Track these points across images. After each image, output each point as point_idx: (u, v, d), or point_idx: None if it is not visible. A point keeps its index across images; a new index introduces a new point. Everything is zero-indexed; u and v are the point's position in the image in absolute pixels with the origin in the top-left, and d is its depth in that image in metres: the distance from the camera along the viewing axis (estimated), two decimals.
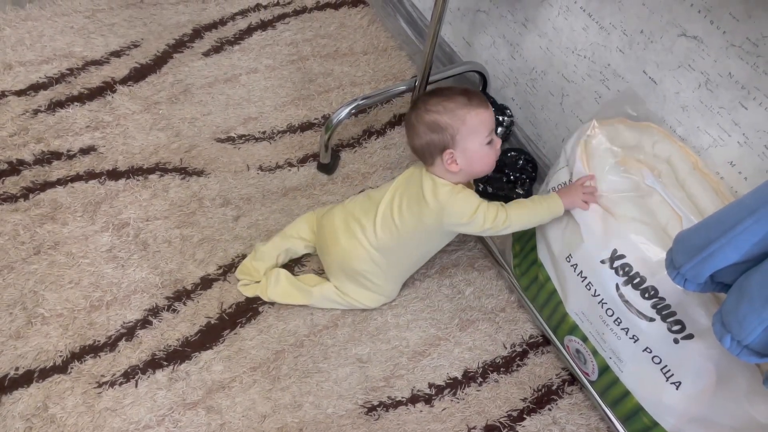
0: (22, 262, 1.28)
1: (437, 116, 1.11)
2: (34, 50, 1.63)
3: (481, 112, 1.12)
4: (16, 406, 1.13)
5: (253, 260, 1.31)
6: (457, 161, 1.12)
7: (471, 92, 1.14)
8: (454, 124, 1.11)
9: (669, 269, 0.80)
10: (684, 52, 1.09)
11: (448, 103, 1.11)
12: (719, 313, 0.75)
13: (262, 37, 1.78)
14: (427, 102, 1.13)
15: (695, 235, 0.77)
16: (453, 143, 1.11)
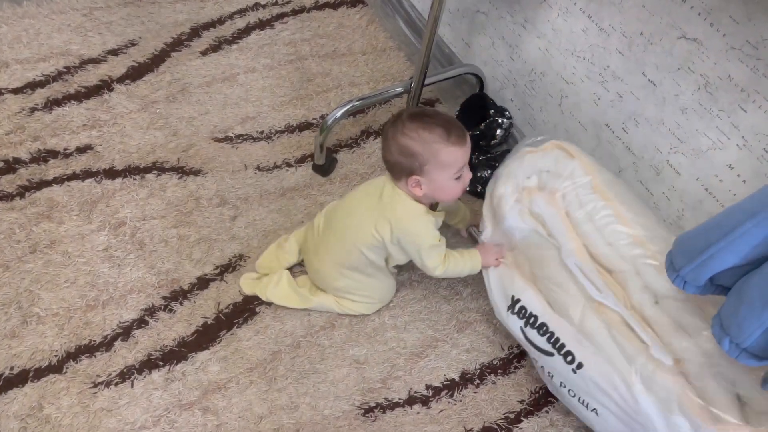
0: (18, 261, 1.28)
1: (411, 142, 1.08)
2: (31, 48, 1.62)
3: (454, 150, 1.09)
4: (11, 406, 1.12)
5: (278, 250, 1.33)
6: (421, 187, 1.12)
7: (452, 126, 1.10)
8: (425, 155, 1.08)
9: (668, 271, 0.80)
10: (684, 55, 1.09)
11: (425, 132, 1.08)
12: (718, 316, 0.75)
13: (260, 36, 1.77)
14: (406, 125, 1.10)
15: (695, 238, 0.77)
16: (420, 172, 1.10)
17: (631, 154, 1.26)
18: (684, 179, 1.17)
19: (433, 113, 1.14)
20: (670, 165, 1.19)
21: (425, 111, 1.14)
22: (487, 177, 1.51)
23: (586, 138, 1.36)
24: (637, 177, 1.27)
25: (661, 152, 1.20)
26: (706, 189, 1.13)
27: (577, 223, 1.14)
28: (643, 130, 1.22)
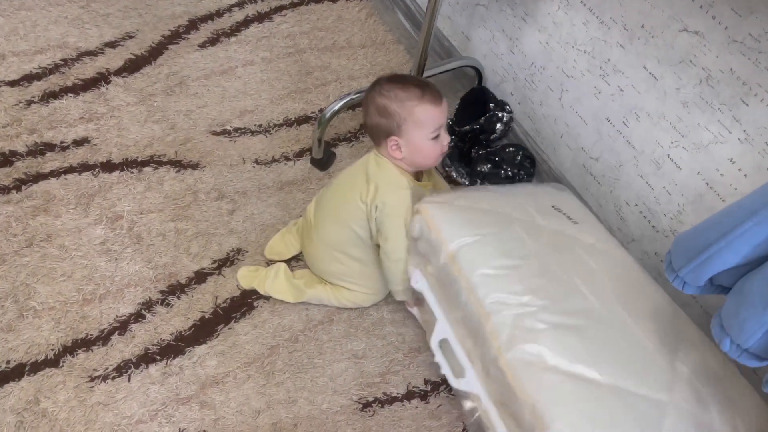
0: (14, 254, 1.27)
1: (387, 102, 1.11)
2: (28, 40, 1.61)
3: (429, 108, 1.11)
4: (7, 400, 1.11)
5: (287, 235, 1.34)
6: (401, 149, 1.14)
7: (426, 86, 1.13)
8: (402, 114, 1.11)
9: (667, 272, 0.79)
10: (685, 48, 1.08)
11: (401, 91, 1.11)
12: (718, 317, 0.75)
13: (258, 29, 1.76)
14: (383, 86, 1.13)
15: (694, 237, 0.76)
16: (398, 132, 1.12)
17: (632, 148, 1.25)
18: (685, 173, 1.16)
19: (409, 76, 1.15)
20: (670, 159, 1.18)
21: (402, 74, 1.16)
22: (486, 171, 1.50)
23: (586, 132, 1.35)
24: (638, 171, 1.26)
25: (662, 146, 1.19)
26: (707, 183, 1.12)
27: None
28: (644, 124, 1.21)
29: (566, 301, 1.01)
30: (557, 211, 1.18)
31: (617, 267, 1.13)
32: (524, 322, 0.97)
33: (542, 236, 1.11)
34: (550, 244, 1.10)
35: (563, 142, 1.43)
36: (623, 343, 0.98)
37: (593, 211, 1.41)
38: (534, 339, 0.96)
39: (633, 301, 1.06)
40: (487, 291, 1.02)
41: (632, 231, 1.33)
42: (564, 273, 1.05)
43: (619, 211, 1.34)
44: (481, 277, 1.03)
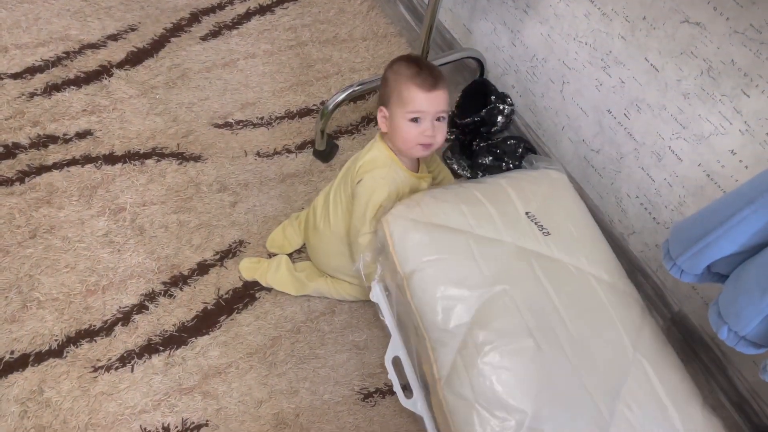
0: (18, 245, 1.28)
1: (390, 73, 1.14)
2: (30, 33, 1.61)
3: (414, 89, 1.10)
4: (11, 390, 1.12)
5: (288, 228, 1.34)
6: (386, 123, 1.15)
7: (427, 71, 1.11)
8: (393, 85, 1.12)
9: (665, 260, 0.80)
10: (687, 39, 1.08)
11: (402, 67, 1.13)
12: (716, 305, 0.75)
13: (260, 22, 1.76)
14: (397, 61, 1.15)
15: (692, 225, 0.76)
16: (387, 103, 1.14)
17: (633, 140, 1.25)
18: (686, 165, 1.16)
19: (423, 60, 1.16)
20: (671, 151, 1.18)
21: (420, 57, 1.17)
22: (487, 164, 1.50)
23: (587, 124, 1.35)
24: (639, 163, 1.26)
25: (663, 138, 1.19)
26: (708, 175, 1.13)
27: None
28: (645, 116, 1.21)
29: (512, 335, 0.98)
30: (530, 221, 1.13)
31: (580, 286, 1.08)
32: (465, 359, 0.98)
33: (500, 258, 1.06)
34: (505, 268, 1.05)
35: (564, 135, 1.43)
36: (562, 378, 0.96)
37: (591, 203, 1.41)
38: (470, 377, 0.96)
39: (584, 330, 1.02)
40: (433, 320, 1.01)
41: (633, 223, 1.33)
42: (514, 299, 1.01)
43: (620, 203, 1.35)
44: (429, 305, 1.02)
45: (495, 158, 1.50)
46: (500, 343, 0.97)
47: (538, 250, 1.09)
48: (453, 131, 1.59)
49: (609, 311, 1.05)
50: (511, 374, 0.95)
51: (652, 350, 1.03)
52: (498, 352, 0.97)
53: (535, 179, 1.23)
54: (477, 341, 0.98)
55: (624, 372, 0.99)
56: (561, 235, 1.12)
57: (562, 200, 1.21)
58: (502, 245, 1.08)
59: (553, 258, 1.09)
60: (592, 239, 1.17)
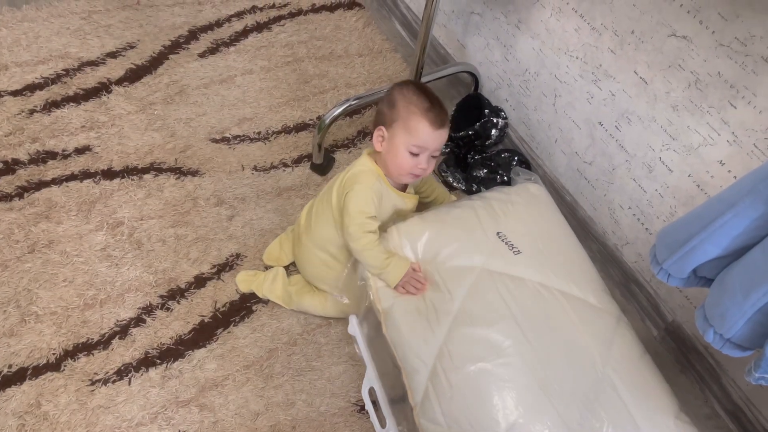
0: (17, 260, 1.29)
1: (399, 97, 1.14)
2: (30, 51, 1.64)
3: (425, 124, 1.10)
4: (9, 404, 1.13)
5: (284, 242, 1.35)
6: (382, 143, 1.15)
7: (438, 108, 1.12)
8: (401, 113, 1.12)
9: (652, 265, 0.81)
10: (674, 52, 1.10)
11: (414, 96, 1.13)
12: (702, 308, 0.76)
13: (257, 38, 1.79)
14: (408, 85, 1.15)
15: (677, 230, 0.78)
16: (389, 126, 1.14)
17: (624, 152, 1.27)
18: (676, 176, 1.18)
19: (433, 93, 1.16)
20: (662, 162, 1.20)
21: (429, 88, 1.17)
22: (482, 176, 1.52)
23: (580, 136, 1.37)
24: (631, 175, 1.28)
25: (653, 149, 1.21)
26: (698, 185, 1.14)
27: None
28: (636, 128, 1.23)
29: (477, 359, 1.01)
30: (501, 241, 1.14)
31: (547, 305, 1.08)
32: (436, 386, 1.02)
33: (468, 285, 1.08)
34: (472, 295, 1.07)
35: (557, 147, 1.45)
36: (530, 399, 0.97)
37: (585, 214, 1.43)
38: (440, 403, 1.00)
39: (550, 349, 1.02)
40: (406, 351, 1.06)
41: (626, 234, 1.35)
42: (480, 324, 1.04)
43: (613, 215, 1.36)
44: (402, 337, 1.07)
45: (489, 171, 1.52)
46: (466, 369, 1.01)
47: (507, 270, 1.10)
48: (448, 144, 1.61)
49: (577, 328, 1.05)
50: (478, 398, 0.98)
51: (622, 363, 1.03)
52: (464, 377, 1.00)
53: (510, 197, 1.23)
54: (445, 367, 1.02)
55: (592, 388, 0.99)
56: (531, 252, 1.13)
57: (537, 216, 1.21)
58: (471, 271, 1.10)
59: (522, 278, 1.10)
60: (565, 254, 1.17)
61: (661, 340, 1.34)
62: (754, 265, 0.68)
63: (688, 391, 1.29)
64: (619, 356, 1.03)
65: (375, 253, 1.12)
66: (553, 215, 1.23)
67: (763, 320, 0.69)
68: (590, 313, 1.08)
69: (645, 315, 1.36)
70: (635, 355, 1.07)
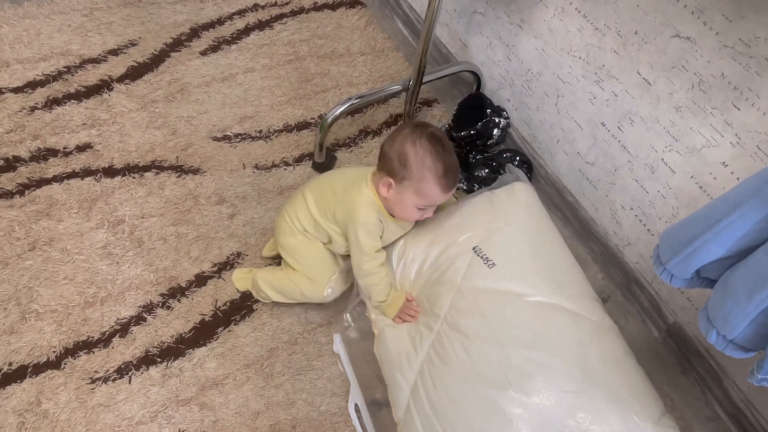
0: (17, 258, 1.29)
1: (413, 156, 1.10)
2: (32, 48, 1.64)
3: (438, 190, 1.11)
4: (9, 401, 1.13)
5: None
6: (389, 191, 1.13)
7: (452, 172, 1.11)
8: (414, 174, 1.10)
9: (655, 265, 0.81)
10: (677, 53, 1.09)
11: (429, 159, 1.09)
12: (705, 309, 0.76)
13: (259, 36, 1.78)
14: (422, 139, 1.10)
15: (681, 230, 0.78)
16: (399, 181, 1.12)
17: (627, 153, 1.27)
18: (678, 177, 1.18)
19: (450, 150, 1.13)
20: (664, 163, 1.19)
21: (445, 143, 1.13)
22: (483, 176, 1.52)
23: (582, 137, 1.37)
24: (633, 175, 1.27)
25: (656, 150, 1.20)
26: (701, 187, 1.14)
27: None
28: (638, 129, 1.22)
29: (454, 375, 1.04)
30: (476, 255, 1.15)
31: (522, 315, 1.09)
32: (416, 401, 1.06)
33: (446, 303, 1.12)
34: (450, 312, 1.10)
35: (559, 147, 1.45)
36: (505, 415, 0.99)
37: (587, 215, 1.43)
38: (420, 419, 1.05)
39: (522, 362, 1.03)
40: (390, 368, 1.13)
41: (628, 235, 1.34)
42: (458, 341, 1.07)
43: (615, 215, 1.36)
44: (389, 355, 1.14)
45: (491, 171, 1.52)
46: (444, 385, 1.04)
47: (482, 285, 1.12)
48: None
49: (551, 335, 1.05)
50: (456, 412, 1.00)
51: (599, 368, 1.03)
52: (442, 394, 1.03)
53: (492, 203, 1.23)
54: (425, 384, 1.06)
55: (569, 395, 1.00)
56: (506, 263, 1.14)
57: (517, 222, 1.20)
58: (450, 290, 1.13)
59: (496, 290, 1.11)
60: (544, 260, 1.16)
61: (662, 341, 1.34)
62: (759, 267, 0.68)
63: (689, 393, 1.29)
64: (595, 361, 1.04)
65: (382, 288, 1.18)
66: (537, 218, 1.24)
67: (766, 321, 0.69)
68: (565, 319, 1.09)
69: (646, 316, 1.36)
70: (614, 359, 1.07)
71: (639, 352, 1.14)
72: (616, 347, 1.09)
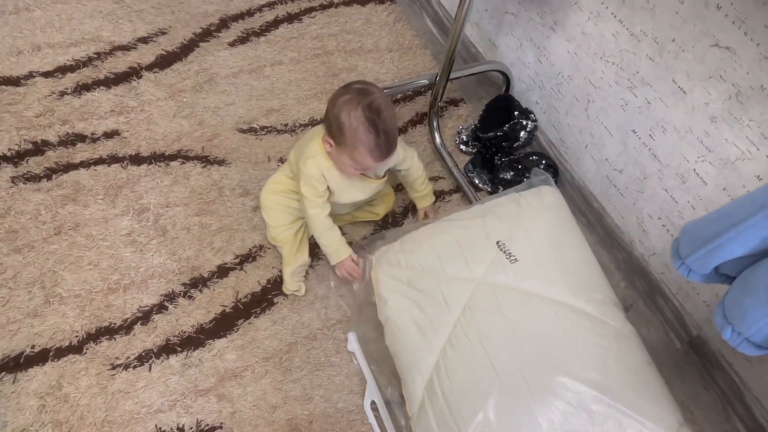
0: (43, 241, 1.30)
1: (347, 123, 1.12)
2: (63, 33, 1.65)
3: (369, 159, 1.14)
4: (31, 384, 1.14)
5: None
6: (328, 149, 1.19)
7: (384, 143, 1.13)
8: (347, 142, 1.13)
9: (674, 259, 0.80)
10: (716, 63, 1.07)
11: (363, 129, 1.11)
12: (721, 305, 0.75)
13: (288, 30, 1.78)
14: (358, 109, 1.12)
15: (703, 226, 0.77)
16: (336, 143, 1.16)
17: (657, 161, 1.25)
18: (710, 188, 1.16)
19: (386, 118, 1.13)
20: (696, 174, 1.18)
21: (383, 113, 1.13)
22: (508, 179, 1.51)
23: (611, 143, 1.35)
24: (662, 185, 1.26)
25: (687, 160, 1.18)
26: (733, 199, 1.12)
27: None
28: (671, 138, 1.20)
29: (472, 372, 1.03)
30: (500, 250, 1.14)
31: (541, 315, 1.07)
32: (431, 396, 1.05)
33: (465, 297, 1.10)
34: (470, 306, 1.09)
35: (587, 153, 1.43)
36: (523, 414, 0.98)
37: (612, 222, 1.41)
38: (434, 413, 1.03)
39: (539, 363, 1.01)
40: (404, 360, 1.10)
41: (654, 244, 1.33)
42: (476, 337, 1.06)
43: (642, 224, 1.34)
44: (401, 346, 1.11)
45: (516, 173, 1.50)
46: (459, 381, 1.03)
47: (503, 281, 1.11)
48: (475, 144, 1.60)
49: (571, 338, 1.04)
50: (470, 410, 0.99)
51: (618, 374, 1.02)
52: (457, 390, 1.02)
53: (519, 203, 1.22)
54: (440, 379, 1.05)
55: (586, 399, 0.98)
56: (529, 260, 1.13)
57: (543, 222, 1.19)
58: (470, 283, 1.12)
59: (517, 288, 1.10)
60: (567, 261, 1.15)
61: (685, 353, 1.32)
62: None
63: (710, 408, 1.27)
64: (614, 367, 1.03)
65: (326, 236, 1.26)
66: (563, 221, 1.22)
67: None
68: (586, 323, 1.07)
69: (669, 327, 1.34)
70: (634, 366, 1.05)
71: (660, 363, 1.12)
72: (637, 354, 1.08)
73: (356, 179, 1.25)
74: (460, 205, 1.50)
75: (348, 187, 1.25)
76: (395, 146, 1.17)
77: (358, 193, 1.28)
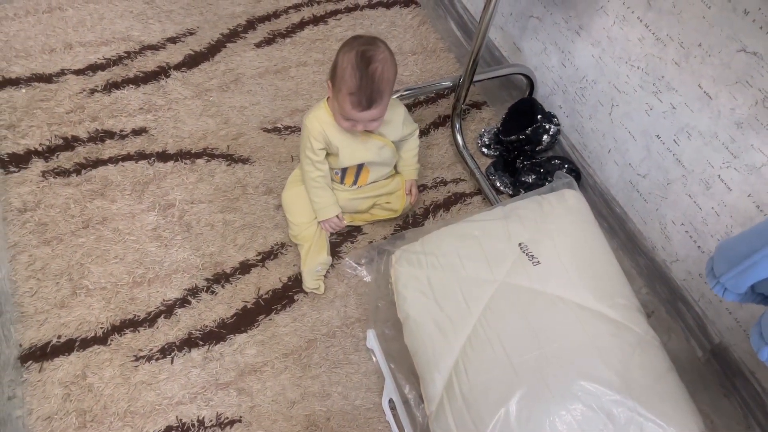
0: (71, 234, 1.33)
1: (339, 64, 1.15)
2: (94, 32, 1.68)
3: (347, 103, 1.16)
4: (56, 373, 1.17)
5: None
6: (329, 92, 1.22)
7: (363, 89, 1.14)
8: (336, 82, 1.16)
9: (709, 278, 0.79)
10: (742, 68, 1.07)
11: (348, 71, 1.13)
12: (758, 325, 0.74)
13: (313, 31, 1.80)
14: (353, 52, 1.13)
15: (738, 244, 0.75)
16: (332, 85, 1.19)
17: (681, 167, 1.24)
18: (735, 195, 1.15)
19: (373, 72, 1.14)
20: (721, 180, 1.17)
21: (373, 63, 1.14)
22: (530, 182, 1.51)
23: (635, 148, 1.34)
24: (686, 190, 1.25)
25: (712, 166, 1.18)
26: (758, 206, 1.11)
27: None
28: (696, 143, 1.20)
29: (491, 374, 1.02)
30: (522, 252, 1.14)
31: (564, 318, 1.06)
32: (450, 395, 1.04)
33: (486, 298, 1.10)
34: (490, 308, 1.08)
35: (610, 157, 1.43)
36: (543, 417, 0.97)
37: (634, 227, 1.40)
38: (452, 413, 1.02)
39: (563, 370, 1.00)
40: (423, 360, 1.09)
41: (677, 251, 1.32)
42: (497, 338, 1.05)
43: (665, 230, 1.33)
44: (420, 347, 1.10)
45: (538, 177, 1.50)
46: (479, 382, 1.02)
47: (526, 283, 1.10)
48: (497, 147, 1.60)
49: (593, 342, 1.03)
50: (489, 412, 0.98)
51: (640, 379, 1.01)
52: (477, 391, 1.01)
53: (542, 205, 1.22)
54: (460, 379, 1.04)
55: (608, 403, 0.98)
56: (551, 263, 1.12)
57: (567, 225, 1.18)
58: (491, 284, 1.11)
59: (539, 290, 1.09)
60: (591, 265, 1.14)
61: (706, 361, 1.31)
62: None
63: (731, 416, 1.25)
64: (636, 373, 1.01)
65: (317, 191, 1.31)
66: (586, 224, 1.21)
67: None
68: (608, 327, 1.06)
69: (690, 335, 1.33)
70: (656, 372, 1.04)
71: (681, 370, 1.11)
72: (659, 360, 1.07)
73: (359, 135, 1.26)
74: (481, 207, 1.50)
75: (351, 142, 1.26)
76: (378, 101, 1.16)
77: (363, 152, 1.29)
